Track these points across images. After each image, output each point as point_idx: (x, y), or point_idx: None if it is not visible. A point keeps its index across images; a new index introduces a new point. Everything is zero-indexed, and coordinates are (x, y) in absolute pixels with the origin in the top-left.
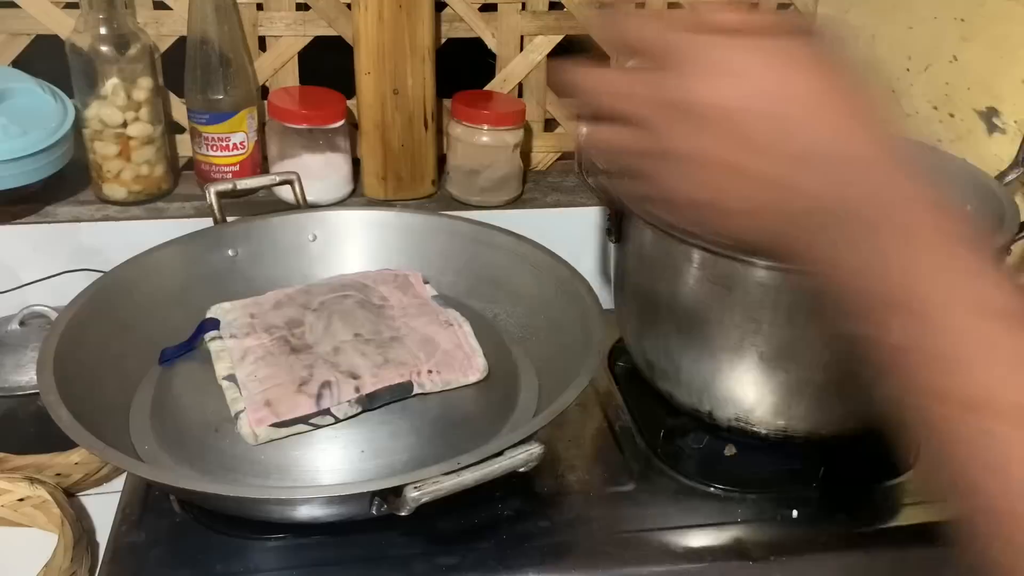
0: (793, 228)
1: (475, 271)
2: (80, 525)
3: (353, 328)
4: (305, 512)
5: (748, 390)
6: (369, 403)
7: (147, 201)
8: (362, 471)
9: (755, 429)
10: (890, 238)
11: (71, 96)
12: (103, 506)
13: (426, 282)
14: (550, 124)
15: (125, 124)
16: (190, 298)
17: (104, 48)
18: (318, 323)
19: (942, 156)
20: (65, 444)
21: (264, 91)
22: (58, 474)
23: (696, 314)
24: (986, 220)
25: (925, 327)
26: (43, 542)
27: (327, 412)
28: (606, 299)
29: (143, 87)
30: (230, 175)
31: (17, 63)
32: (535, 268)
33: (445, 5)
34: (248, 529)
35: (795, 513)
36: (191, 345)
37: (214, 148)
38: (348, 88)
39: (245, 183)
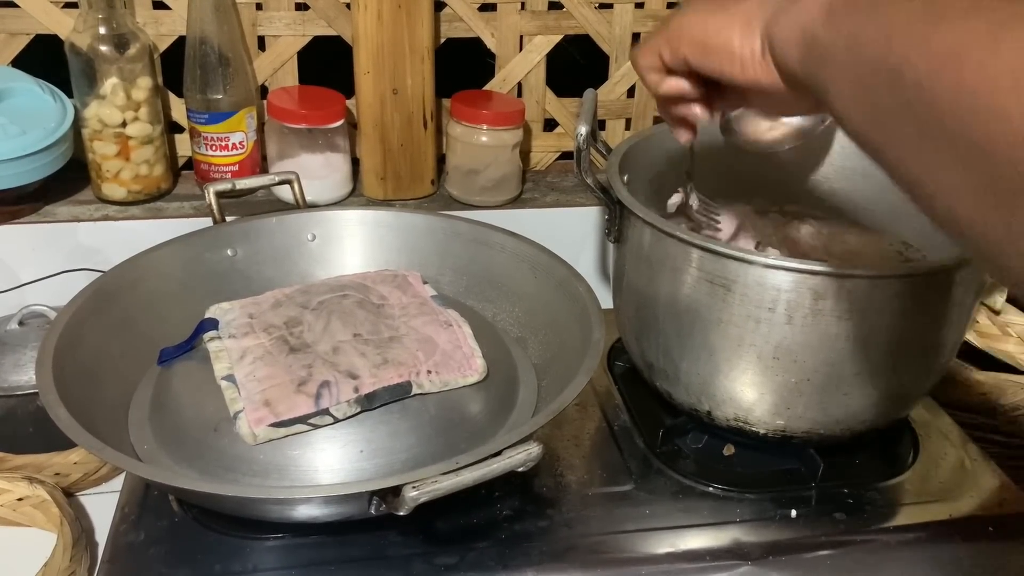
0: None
1: (474, 271)
2: (79, 525)
3: (352, 328)
4: (304, 512)
5: (747, 390)
6: (368, 403)
7: (146, 201)
8: (361, 471)
9: (754, 429)
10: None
11: (70, 96)
12: (102, 506)
13: (425, 282)
14: (549, 124)
15: (124, 124)
16: (189, 298)
17: (103, 48)
18: (317, 323)
19: None
20: (64, 444)
21: (263, 91)
22: (57, 474)
23: (695, 314)
24: None
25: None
26: (42, 542)
27: (326, 412)
28: (605, 299)
29: (142, 87)
30: (229, 175)
31: (17, 63)
32: (534, 268)
33: (444, 5)
34: (247, 529)
35: (793, 513)
36: (190, 345)
37: (213, 148)
38: (347, 88)
39: (244, 183)
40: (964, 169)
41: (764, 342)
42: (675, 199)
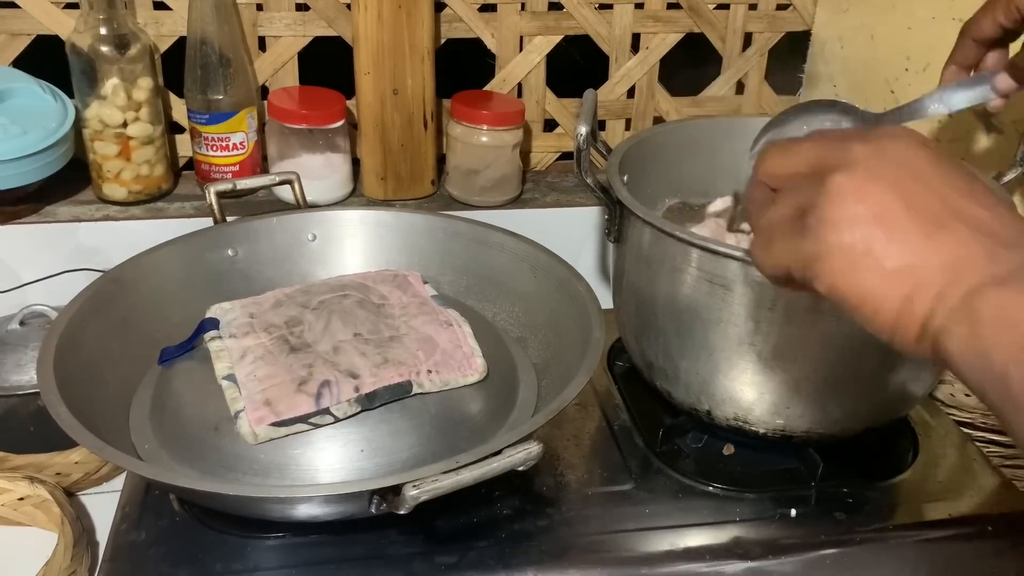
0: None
1: (474, 271)
2: (80, 524)
3: (352, 327)
4: (304, 511)
5: (746, 389)
6: (368, 402)
7: (147, 201)
8: (361, 470)
9: (753, 428)
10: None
11: (71, 96)
12: (103, 505)
13: (425, 282)
14: (549, 124)
15: (125, 124)
16: (190, 298)
17: (104, 48)
18: (317, 322)
19: None
20: (65, 443)
21: (264, 91)
22: (58, 473)
23: (694, 313)
24: None
25: None
26: (43, 541)
27: (326, 411)
28: (605, 298)
29: (143, 87)
30: (230, 175)
31: (17, 63)
32: (534, 268)
33: (444, 5)
34: (247, 528)
35: (793, 512)
36: (191, 345)
37: (214, 148)
38: (348, 88)
39: (245, 183)
40: None
41: (764, 342)
42: (719, 206)
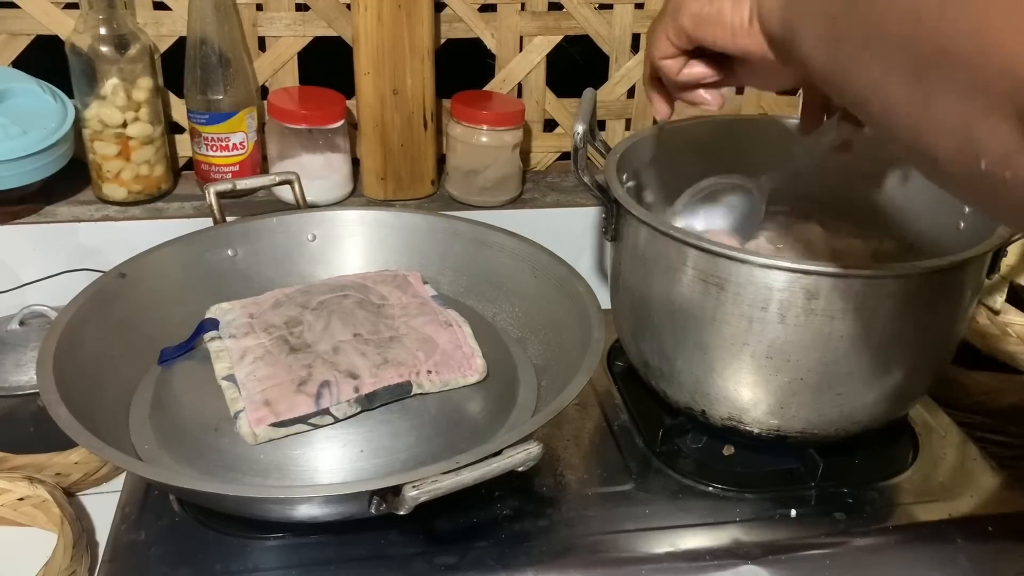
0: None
1: (474, 271)
2: (80, 524)
3: (352, 328)
4: (304, 511)
5: (740, 389)
6: (368, 403)
7: (147, 201)
8: (361, 470)
9: (748, 428)
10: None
11: (71, 96)
12: (103, 505)
13: (425, 282)
14: (549, 124)
15: (125, 124)
16: (189, 298)
17: (104, 48)
18: (317, 323)
19: None
20: (65, 444)
21: (264, 91)
22: (58, 473)
23: (688, 312)
24: (984, 221)
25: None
26: (43, 541)
27: (326, 412)
28: (605, 298)
29: (143, 87)
30: (230, 175)
31: (17, 63)
32: (534, 268)
33: (444, 5)
34: (247, 528)
35: (793, 512)
36: (190, 345)
37: (214, 148)
38: (348, 88)
39: (245, 183)
40: (893, 61)
41: (757, 341)
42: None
